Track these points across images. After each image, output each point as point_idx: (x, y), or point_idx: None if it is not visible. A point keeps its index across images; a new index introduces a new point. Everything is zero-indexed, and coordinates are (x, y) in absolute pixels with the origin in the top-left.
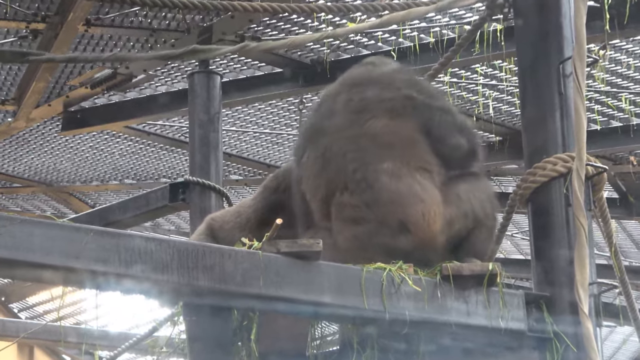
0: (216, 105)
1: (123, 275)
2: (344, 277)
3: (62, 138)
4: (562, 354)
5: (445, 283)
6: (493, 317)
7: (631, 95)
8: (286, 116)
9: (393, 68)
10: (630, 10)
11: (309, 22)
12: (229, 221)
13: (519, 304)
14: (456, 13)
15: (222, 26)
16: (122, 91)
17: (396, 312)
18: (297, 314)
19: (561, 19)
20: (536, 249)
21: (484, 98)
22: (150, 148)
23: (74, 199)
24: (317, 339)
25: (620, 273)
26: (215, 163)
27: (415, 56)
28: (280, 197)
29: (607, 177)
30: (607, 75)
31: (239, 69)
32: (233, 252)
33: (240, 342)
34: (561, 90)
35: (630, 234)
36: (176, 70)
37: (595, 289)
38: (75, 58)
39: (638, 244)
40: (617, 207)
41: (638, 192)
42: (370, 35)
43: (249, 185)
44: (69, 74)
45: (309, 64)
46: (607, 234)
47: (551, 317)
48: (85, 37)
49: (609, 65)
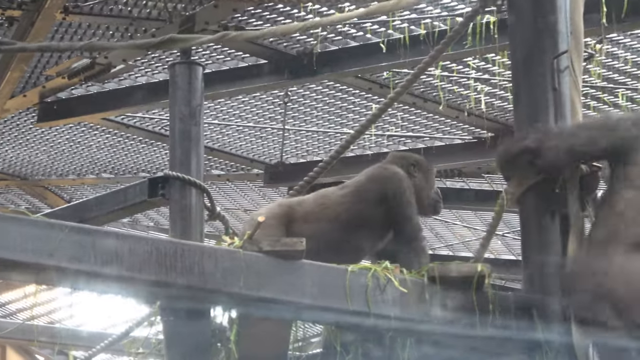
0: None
1: (99, 274)
2: (328, 277)
3: (38, 130)
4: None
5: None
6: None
7: (628, 91)
8: (270, 109)
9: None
10: (629, 3)
11: (295, 12)
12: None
13: (508, 307)
14: (448, 4)
15: (205, 15)
16: (101, 82)
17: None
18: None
19: (556, 11)
20: (526, 249)
21: (476, 92)
22: (129, 141)
23: (50, 193)
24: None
25: None
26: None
27: (405, 49)
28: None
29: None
30: (604, 70)
31: (222, 60)
32: (213, 250)
33: (220, 343)
34: (555, 86)
35: None
36: (157, 61)
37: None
38: (49, 47)
39: None
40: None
41: None
42: (358, 26)
43: (231, 180)
44: (45, 63)
45: (294, 56)
46: None
47: (541, 321)
48: (63, 26)
49: (605, 60)
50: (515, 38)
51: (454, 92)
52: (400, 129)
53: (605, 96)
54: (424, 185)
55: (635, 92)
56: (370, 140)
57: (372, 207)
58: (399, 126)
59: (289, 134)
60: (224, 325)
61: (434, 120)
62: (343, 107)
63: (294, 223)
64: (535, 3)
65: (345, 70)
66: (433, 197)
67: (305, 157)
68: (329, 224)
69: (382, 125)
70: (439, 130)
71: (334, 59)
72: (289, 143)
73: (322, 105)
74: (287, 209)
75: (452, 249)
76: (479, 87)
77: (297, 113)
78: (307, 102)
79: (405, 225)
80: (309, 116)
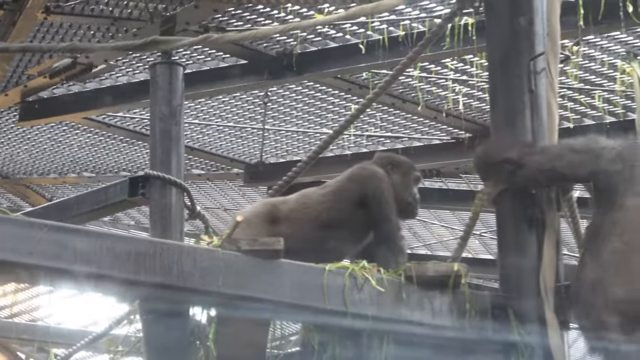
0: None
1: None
2: (306, 276)
3: (19, 129)
4: (527, 357)
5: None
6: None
7: (604, 92)
8: (250, 109)
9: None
10: (605, 6)
11: (275, 13)
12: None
13: (484, 306)
14: (427, 6)
15: (185, 16)
16: (82, 81)
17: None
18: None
19: (533, 14)
20: (503, 249)
21: (453, 93)
22: (109, 140)
23: (31, 192)
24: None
25: None
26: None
27: (384, 50)
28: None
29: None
30: (580, 72)
31: (202, 60)
32: (192, 249)
33: (199, 341)
34: (532, 88)
35: None
36: (138, 61)
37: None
38: (31, 47)
39: None
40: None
41: None
42: (338, 27)
43: (211, 180)
44: (27, 63)
45: (274, 56)
46: (577, 234)
47: (517, 320)
48: (44, 26)
49: (582, 62)
50: (492, 40)
51: (433, 93)
52: (379, 129)
53: (581, 97)
54: (400, 186)
55: (612, 93)
56: (350, 140)
57: (352, 207)
58: (378, 126)
59: (269, 133)
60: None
61: (412, 121)
62: (322, 107)
63: (277, 222)
64: (512, 5)
65: (325, 71)
66: (407, 200)
67: (285, 156)
68: (310, 224)
69: (361, 125)
70: (417, 130)
71: (313, 60)
72: (268, 143)
73: (301, 105)
74: (270, 207)
75: (430, 248)
76: (457, 88)
77: (276, 113)
78: (286, 103)
79: (384, 224)
80: (289, 116)
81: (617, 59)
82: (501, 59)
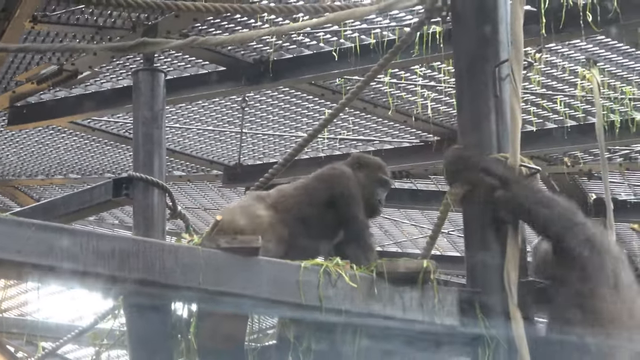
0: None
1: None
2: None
3: (8, 132)
4: (493, 349)
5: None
6: (427, 313)
7: (566, 97)
8: (229, 114)
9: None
10: (566, 15)
11: (252, 22)
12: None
13: (452, 301)
14: (396, 15)
15: (167, 25)
16: (68, 87)
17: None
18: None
19: (498, 23)
20: (469, 246)
21: (422, 99)
22: (94, 143)
23: (20, 193)
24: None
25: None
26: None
27: (356, 57)
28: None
29: (542, 177)
30: (543, 78)
31: (183, 67)
32: (174, 247)
33: (180, 335)
34: (497, 93)
35: None
36: (121, 68)
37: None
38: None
39: None
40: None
41: (572, 192)
42: (312, 35)
43: (191, 181)
44: (15, 69)
45: (251, 63)
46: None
47: (483, 314)
48: (32, 34)
49: (544, 68)
50: (459, 47)
51: (402, 98)
52: (352, 133)
53: (544, 102)
54: (365, 186)
55: (572, 98)
56: (323, 143)
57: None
58: (351, 130)
59: (247, 137)
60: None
61: (383, 125)
62: (297, 111)
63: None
64: (477, 14)
65: (300, 77)
66: (371, 201)
67: (262, 159)
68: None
69: (334, 129)
70: (388, 134)
71: (288, 67)
72: (246, 146)
73: (277, 110)
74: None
75: (401, 246)
76: (426, 94)
77: (254, 117)
78: (263, 107)
79: (352, 223)
80: (265, 120)
81: (578, 65)
82: (467, 66)
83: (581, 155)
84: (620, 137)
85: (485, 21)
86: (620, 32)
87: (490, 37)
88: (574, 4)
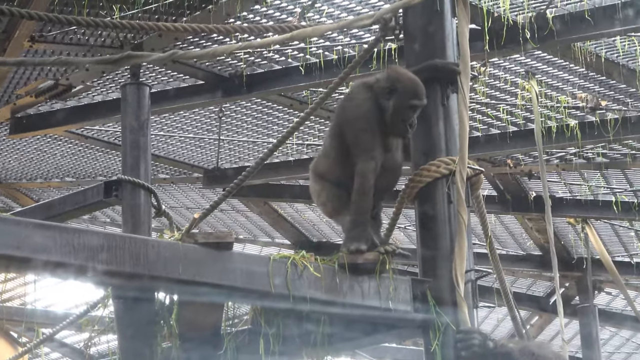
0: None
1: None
2: (254, 264)
3: (10, 141)
4: (442, 331)
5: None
6: (383, 300)
7: (508, 106)
8: (208, 123)
9: None
10: (507, 33)
11: (227, 41)
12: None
13: (406, 288)
14: (356, 34)
15: (151, 43)
16: (63, 100)
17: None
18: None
19: (445, 40)
20: (422, 239)
21: None
22: (87, 150)
23: (21, 195)
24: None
25: (494, 261)
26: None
27: (321, 71)
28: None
29: (487, 177)
30: (487, 88)
31: (166, 81)
32: (156, 242)
33: (163, 321)
34: (444, 102)
35: (507, 227)
36: (110, 82)
37: (472, 275)
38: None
39: (513, 235)
40: (496, 204)
41: (513, 191)
42: (281, 52)
43: (175, 183)
44: (15, 84)
45: (227, 77)
46: (484, 226)
47: (434, 300)
48: (30, 53)
49: (488, 80)
50: (410, 62)
51: None
52: (317, 139)
53: (488, 110)
54: (394, 109)
55: (514, 107)
56: (292, 149)
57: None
58: (316, 136)
59: (224, 143)
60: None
61: None
62: (269, 120)
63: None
64: (426, 32)
65: (270, 90)
66: (397, 124)
67: (238, 162)
68: None
69: (302, 135)
70: None
71: (260, 80)
72: (223, 151)
73: (251, 119)
74: None
75: None
76: None
77: (230, 126)
78: (238, 117)
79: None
80: (240, 128)
81: (518, 77)
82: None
83: (522, 158)
84: (556, 141)
85: (433, 38)
86: (555, 48)
87: (438, 52)
88: (514, 22)
